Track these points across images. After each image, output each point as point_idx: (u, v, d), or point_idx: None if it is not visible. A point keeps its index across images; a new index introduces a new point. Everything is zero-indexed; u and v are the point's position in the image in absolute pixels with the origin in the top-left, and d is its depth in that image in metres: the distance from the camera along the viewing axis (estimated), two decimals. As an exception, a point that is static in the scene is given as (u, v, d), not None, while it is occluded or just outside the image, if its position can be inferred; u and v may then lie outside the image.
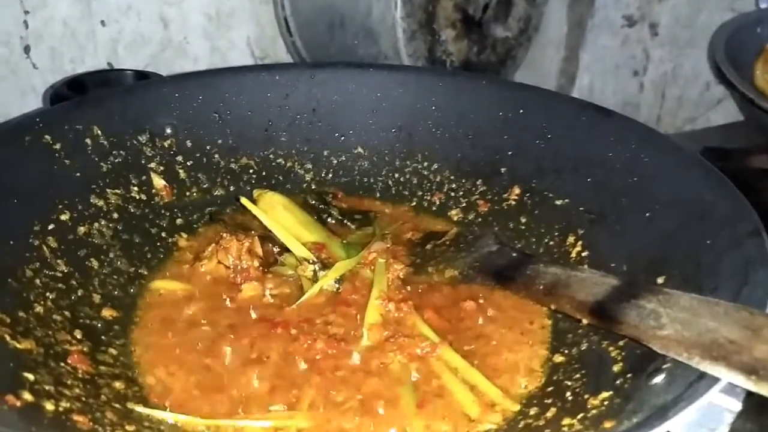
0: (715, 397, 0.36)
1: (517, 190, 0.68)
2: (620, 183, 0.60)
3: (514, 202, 0.68)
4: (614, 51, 1.42)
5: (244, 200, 0.63)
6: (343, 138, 0.75)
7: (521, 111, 0.69)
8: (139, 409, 0.47)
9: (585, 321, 0.46)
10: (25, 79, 0.94)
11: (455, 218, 0.71)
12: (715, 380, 0.35)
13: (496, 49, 1.20)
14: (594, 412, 0.42)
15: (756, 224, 0.47)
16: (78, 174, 0.61)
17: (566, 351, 0.52)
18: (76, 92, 0.73)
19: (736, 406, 0.36)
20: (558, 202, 0.64)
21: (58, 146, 0.60)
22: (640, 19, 1.41)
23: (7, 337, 0.46)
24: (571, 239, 0.61)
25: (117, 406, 0.46)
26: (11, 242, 0.53)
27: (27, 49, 0.94)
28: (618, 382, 0.44)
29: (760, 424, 0.37)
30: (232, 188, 0.71)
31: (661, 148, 0.59)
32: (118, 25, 0.98)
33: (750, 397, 0.36)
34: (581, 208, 0.62)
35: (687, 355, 0.36)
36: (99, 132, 0.63)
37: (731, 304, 0.38)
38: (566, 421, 0.43)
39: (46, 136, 0.59)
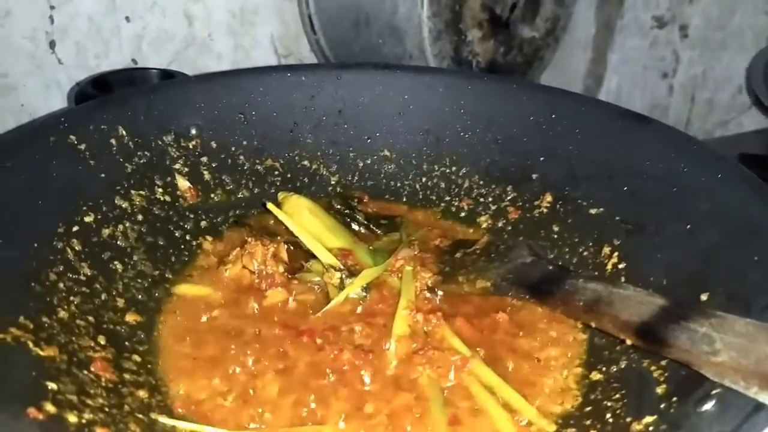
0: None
1: (549, 198, 0.66)
2: (658, 193, 0.58)
3: (546, 210, 0.66)
4: (643, 52, 1.39)
5: (270, 205, 0.62)
6: (369, 140, 0.74)
7: (553, 116, 0.67)
8: (163, 420, 0.46)
9: (629, 342, 0.44)
10: (50, 74, 0.94)
11: (484, 225, 0.69)
12: (774, 411, 0.33)
13: (523, 49, 1.18)
14: (637, 437, 0.41)
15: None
16: (103, 175, 0.60)
17: (604, 368, 0.50)
18: (101, 91, 0.73)
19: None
20: (592, 211, 0.62)
21: (83, 146, 0.59)
22: (671, 20, 1.38)
23: (30, 344, 0.44)
24: (606, 250, 0.59)
25: (140, 416, 0.45)
26: (35, 245, 0.52)
27: (52, 44, 0.94)
28: (663, 406, 0.42)
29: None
30: (256, 190, 0.70)
31: (702, 158, 0.57)
32: (142, 21, 0.97)
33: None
34: (617, 218, 0.60)
35: (744, 384, 0.34)
36: (124, 132, 0.62)
37: (790, 330, 0.36)
38: (607, 444, 0.42)
39: (71, 137, 0.58)
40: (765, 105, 1.07)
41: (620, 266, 0.58)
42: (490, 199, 0.70)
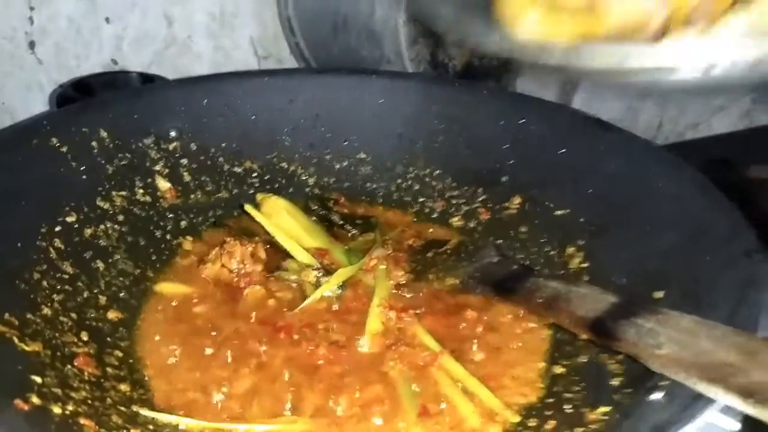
0: (713, 416, 0.37)
1: (518, 199, 0.69)
2: (621, 196, 0.61)
3: (515, 211, 0.68)
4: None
5: (247, 207, 0.64)
6: (345, 143, 0.76)
7: (522, 121, 0.70)
8: (144, 412, 0.48)
9: (584, 336, 0.47)
10: (30, 75, 0.95)
11: (456, 225, 0.71)
12: (711, 401, 0.36)
13: (499, 53, 1.21)
14: (592, 426, 0.43)
15: (752, 244, 0.48)
16: (84, 176, 0.61)
17: (565, 363, 0.53)
18: (82, 94, 0.74)
19: (735, 426, 0.37)
20: (558, 213, 0.65)
21: (65, 149, 0.60)
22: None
23: (16, 340, 0.46)
24: (570, 250, 0.62)
25: (123, 409, 0.47)
26: (19, 244, 0.53)
27: (32, 45, 0.94)
28: (617, 396, 0.45)
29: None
30: (235, 191, 0.71)
31: (662, 163, 0.60)
32: (122, 22, 0.98)
33: (749, 418, 0.37)
34: (581, 220, 0.63)
35: (685, 375, 0.37)
36: (105, 135, 0.64)
37: (729, 327, 0.39)
38: (565, 433, 0.44)
39: (53, 139, 0.60)
40: None
41: (583, 265, 0.61)
42: (462, 201, 0.72)
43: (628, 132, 0.67)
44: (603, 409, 0.44)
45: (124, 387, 0.49)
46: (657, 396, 0.41)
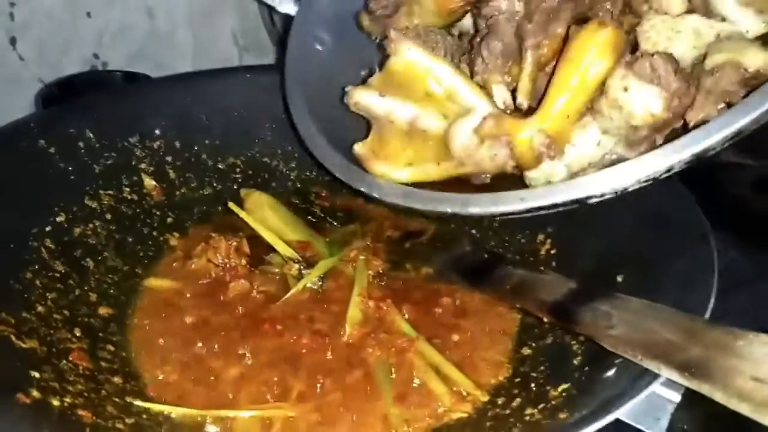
0: (657, 389, 0.41)
1: (491, 190, 0.71)
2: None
3: (488, 201, 0.71)
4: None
5: (231, 204, 0.66)
6: (326, 137, 0.78)
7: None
8: (138, 403, 0.51)
9: (546, 319, 0.51)
10: (12, 71, 0.96)
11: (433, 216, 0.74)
12: (656, 376, 0.40)
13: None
14: (553, 402, 0.47)
15: (704, 231, 0.51)
16: (72, 177, 0.64)
17: (533, 344, 0.56)
18: (66, 93, 0.76)
19: (676, 398, 0.41)
20: (529, 202, 0.68)
21: (52, 150, 0.63)
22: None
23: (13, 338, 0.49)
24: (540, 237, 0.65)
25: (117, 400, 0.50)
26: (11, 245, 0.56)
27: (13, 41, 0.95)
28: (576, 374, 0.48)
29: (696, 414, 0.42)
30: (219, 187, 0.74)
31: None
32: (103, 16, 0.99)
33: (689, 390, 0.41)
34: (551, 209, 0.66)
35: (632, 353, 0.41)
36: (91, 135, 0.66)
37: (674, 309, 0.43)
38: (529, 410, 0.48)
39: (41, 141, 0.62)
40: None
41: (552, 252, 0.64)
42: (439, 191, 0.75)
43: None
44: (563, 386, 0.48)
45: (117, 379, 0.52)
46: (610, 373, 0.44)
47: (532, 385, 0.51)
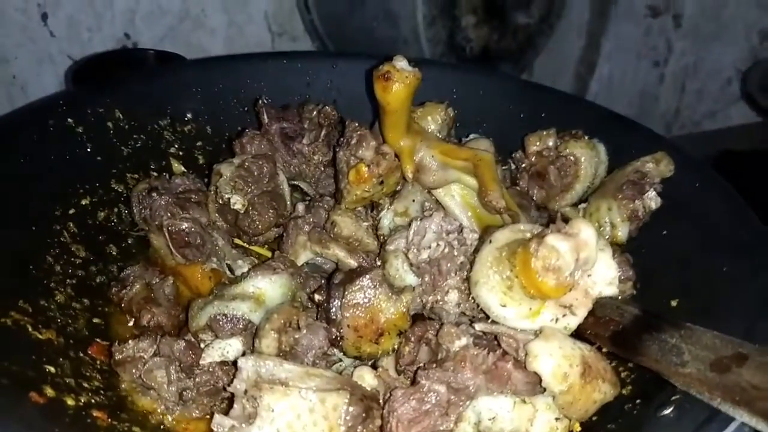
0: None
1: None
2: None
3: (530, 205, 0.68)
4: (636, 41, 1.40)
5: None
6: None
7: (543, 115, 0.69)
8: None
9: (604, 349, 0.45)
10: (42, 47, 0.94)
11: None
12: (727, 422, 0.36)
13: (517, 36, 1.19)
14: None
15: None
16: (99, 158, 0.61)
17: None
18: (96, 71, 0.73)
19: (748, 446, 0.37)
20: (574, 212, 0.64)
21: (80, 129, 0.60)
22: (665, 9, 1.39)
23: (30, 328, 0.46)
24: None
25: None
26: (33, 228, 0.53)
27: (44, 17, 0.93)
28: (627, 406, 0.44)
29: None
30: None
31: (685, 167, 0.58)
32: (136, -6, 0.97)
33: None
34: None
35: (709, 396, 0.37)
36: (121, 116, 0.63)
37: (754, 346, 0.38)
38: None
39: (69, 120, 0.59)
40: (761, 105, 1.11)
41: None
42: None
43: (649, 129, 0.65)
44: (611, 425, 0.44)
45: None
46: (667, 411, 0.40)
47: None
